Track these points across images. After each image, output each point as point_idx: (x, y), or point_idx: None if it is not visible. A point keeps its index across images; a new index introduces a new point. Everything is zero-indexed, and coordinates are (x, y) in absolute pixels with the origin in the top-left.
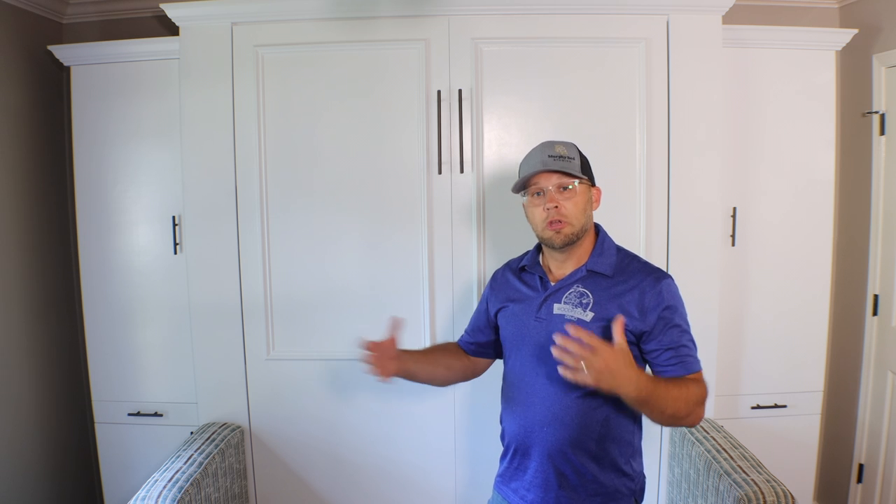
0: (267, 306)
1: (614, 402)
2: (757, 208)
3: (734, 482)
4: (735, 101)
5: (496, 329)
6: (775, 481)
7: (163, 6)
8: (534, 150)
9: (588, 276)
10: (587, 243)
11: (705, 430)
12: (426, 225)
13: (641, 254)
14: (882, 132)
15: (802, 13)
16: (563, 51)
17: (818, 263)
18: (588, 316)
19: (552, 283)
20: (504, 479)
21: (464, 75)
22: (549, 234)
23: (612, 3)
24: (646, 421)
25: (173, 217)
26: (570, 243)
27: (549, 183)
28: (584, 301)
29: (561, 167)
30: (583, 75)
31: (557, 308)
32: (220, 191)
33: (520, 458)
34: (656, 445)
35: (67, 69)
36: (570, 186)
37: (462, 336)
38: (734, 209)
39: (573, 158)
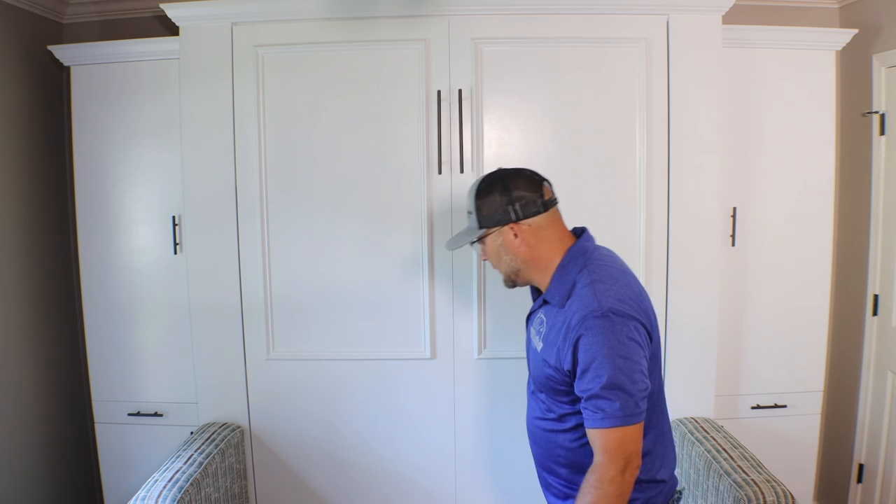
0: (267, 306)
1: (575, 432)
2: (757, 208)
3: (734, 482)
4: (735, 101)
5: None
6: (775, 481)
7: (163, 6)
8: None
9: (545, 303)
10: (548, 268)
11: (705, 431)
12: (426, 225)
13: (641, 254)
14: (882, 132)
15: (802, 13)
16: (563, 51)
17: (818, 263)
18: (539, 346)
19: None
20: None
21: (464, 75)
22: None
23: (612, 3)
24: None
25: (173, 217)
26: (513, 286)
27: None
28: (541, 329)
29: (454, 243)
30: (583, 75)
31: (532, 331)
32: (220, 191)
33: None
34: None
35: (67, 69)
36: (478, 245)
37: None
38: (734, 209)
39: (470, 213)
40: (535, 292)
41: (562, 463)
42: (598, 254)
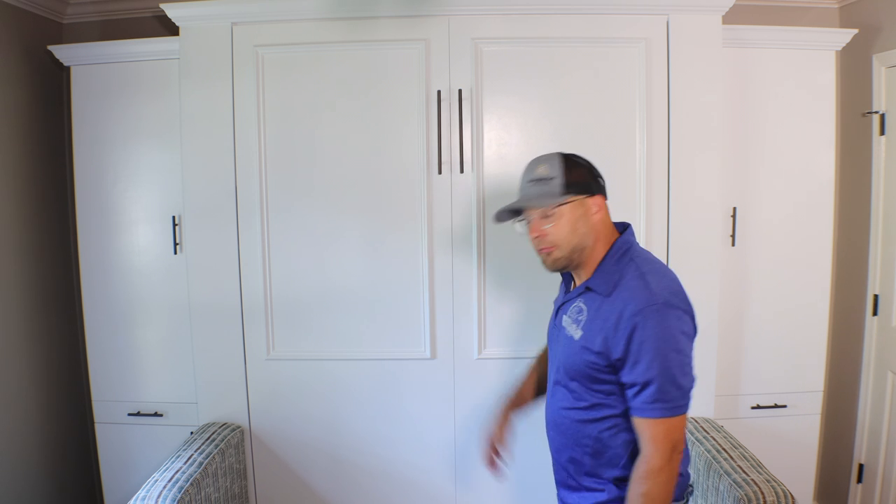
0: (267, 306)
1: (611, 420)
2: (757, 208)
3: (734, 482)
4: (735, 101)
5: None
6: (775, 481)
7: (163, 6)
8: (523, 172)
9: (587, 290)
10: (596, 256)
11: (705, 431)
12: (426, 225)
13: None
14: (882, 132)
15: (802, 13)
16: (563, 51)
17: (818, 263)
18: (577, 334)
19: (570, 291)
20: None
21: (464, 75)
22: (542, 257)
23: (612, 3)
24: None
25: (173, 217)
26: (563, 267)
27: (533, 212)
28: (579, 318)
29: (531, 202)
30: (583, 75)
31: (564, 319)
32: (220, 191)
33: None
34: None
35: (67, 69)
36: (551, 213)
37: None
38: (734, 209)
39: (552, 178)
40: (566, 283)
41: (588, 452)
42: (640, 249)
